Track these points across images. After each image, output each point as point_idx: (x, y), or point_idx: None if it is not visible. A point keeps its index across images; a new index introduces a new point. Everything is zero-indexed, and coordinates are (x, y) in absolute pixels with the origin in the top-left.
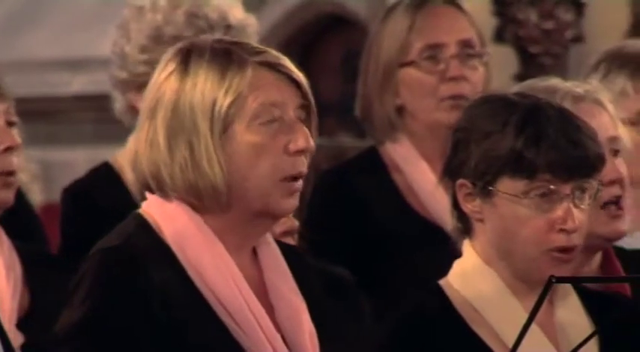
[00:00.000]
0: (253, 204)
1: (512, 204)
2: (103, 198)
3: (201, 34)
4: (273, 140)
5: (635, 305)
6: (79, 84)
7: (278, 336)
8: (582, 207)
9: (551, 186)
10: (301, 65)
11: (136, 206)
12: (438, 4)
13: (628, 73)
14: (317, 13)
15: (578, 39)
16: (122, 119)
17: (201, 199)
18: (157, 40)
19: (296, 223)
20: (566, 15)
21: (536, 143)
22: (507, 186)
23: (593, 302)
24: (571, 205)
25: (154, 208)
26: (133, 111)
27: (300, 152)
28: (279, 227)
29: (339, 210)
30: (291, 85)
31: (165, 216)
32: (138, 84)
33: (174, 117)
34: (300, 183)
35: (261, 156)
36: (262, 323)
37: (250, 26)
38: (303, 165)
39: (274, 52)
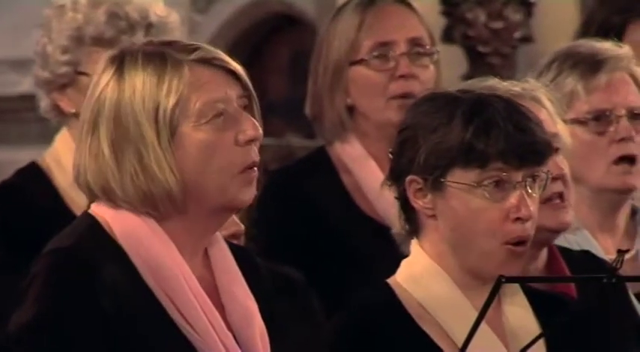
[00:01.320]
0: (213, 201)
1: (465, 195)
2: (29, 197)
3: (122, 33)
4: (222, 135)
5: (580, 306)
6: (28, 84)
7: (230, 335)
8: (534, 195)
9: (503, 174)
10: (250, 65)
11: (65, 206)
12: (388, 2)
13: (579, 74)
14: (266, 12)
15: (527, 39)
16: (48, 118)
17: (156, 207)
18: (78, 41)
19: (242, 227)
20: (515, 15)
21: (486, 132)
22: (459, 177)
23: (540, 302)
24: (524, 193)
25: (104, 209)
26: (57, 110)
27: (251, 141)
28: (225, 230)
29: (287, 211)
30: (230, 77)
31: (116, 216)
32: (60, 84)
33: (118, 128)
34: (255, 172)
35: (213, 154)
36: (214, 323)
37: (172, 22)
38: (255, 153)
39: (207, 47)
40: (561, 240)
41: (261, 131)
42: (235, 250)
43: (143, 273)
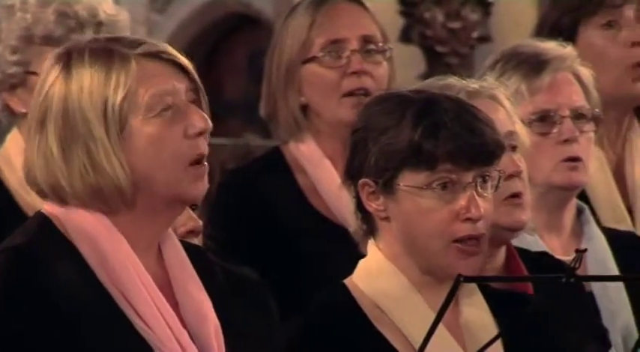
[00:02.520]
0: (163, 194)
1: (415, 197)
2: None
3: (71, 32)
4: (171, 128)
5: (538, 304)
6: None
7: (184, 331)
8: (486, 195)
9: (453, 176)
10: (208, 64)
11: (17, 206)
12: (339, 1)
13: (522, 74)
14: (224, 12)
15: (485, 39)
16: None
17: (106, 202)
18: (28, 41)
19: (200, 223)
20: (472, 15)
21: (435, 133)
22: (409, 179)
23: (498, 301)
24: (474, 194)
25: (57, 207)
26: (8, 110)
27: (200, 134)
28: (183, 227)
29: (243, 211)
30: (177, 70)
31: (68, 213)
32: (10, 84)
33: (66, 125)
34: (205, 166)
35: (162, 147)
36: (168, 319)
37: (121, 21)
38: (204, 145)
39: (153, 41)
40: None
41: (210, 123)
42: (188, 248)
43: (96, 271)
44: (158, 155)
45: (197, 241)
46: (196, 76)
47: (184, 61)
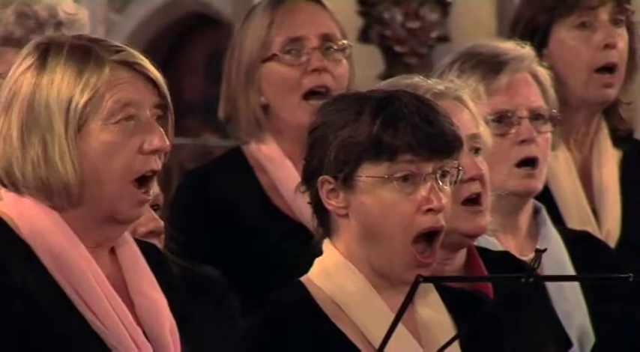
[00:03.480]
0: (101, 206)
1: (375, 189)
2: None
3: (31, 33)
4: (129, 139)
5: (495, 304)
6: None
7: (139, 330)
8: (445, 188)
9: (413, 167)
10: (166, 64)
11: None
12: (298, 0)
13: (480, 75)
14: (183, 12)
15: (444, 39)
16: None
17: (51, 196)
18: None
19: (161, 223)
20: (431, 15)
21: (394, 124)
22: (369, 171)
23: (454, 300)
24: (434, 185)
25: (9, 206)
26: None
27: (155, 151)
28: (144, 227)
29: (203, 211)
30: (149, 84)
31: (22, 214)
32: None
33: (30, 113)
34: (149, 194)
35: (115, 155)
36: (124, 319)
37: (81, 19)
38: (156, 163)
39: (132, 51)
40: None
41: (168, 144)
42: (143, 246)
43: (51, 270)
44: (108, 162)
45: (157, 242)
46: (167, 94)
47: (158, 76)
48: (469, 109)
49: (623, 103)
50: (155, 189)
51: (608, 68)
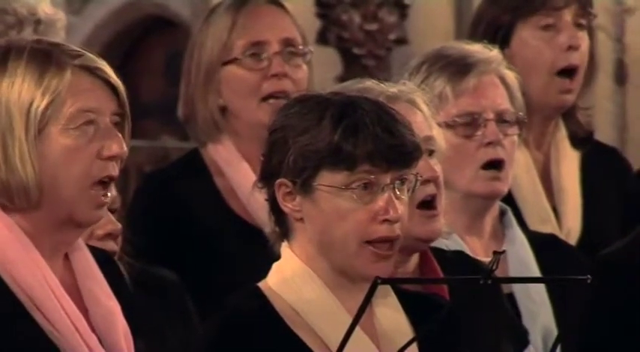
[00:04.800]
0: (60, 209)
1: (333, 197)
2: None
3: (10, 29)
4: (87, 144)
5: (451, 307)
6: None
7: (94, 337)
8: (402, 197)
9: (371, 177)
10: (124, 66)
11: None
12: (260, 3)
13: (448, 76)
14: (140, 14)
15: (402, 41)
16: None
17: (11, 198)
18: None
19: (118, 226)
20: (389, 17)
21: (354, 134)
22: (327, 179)
23: (412, 303)
24: (392, 195)
25: None
26: None
27: (113, 157)
28: (102, 229)
29: (161, 214)
30: (108, 91)
31: None
32: None
33: None
34: (108, 196)
35: (73, 160)
36: (78, 325)
37: (59, 21)
38: (113, 169)
39: (93, 56)
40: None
41: (126, 150)
42: (95, 253)
43: (5, 277)
44: (67, 167)
45: (114, 244)
46: (126, 102)
47: (119, 83)
48: (422, 112)
49: (581, 109)
50: (112, 191)
51: (569, 71)
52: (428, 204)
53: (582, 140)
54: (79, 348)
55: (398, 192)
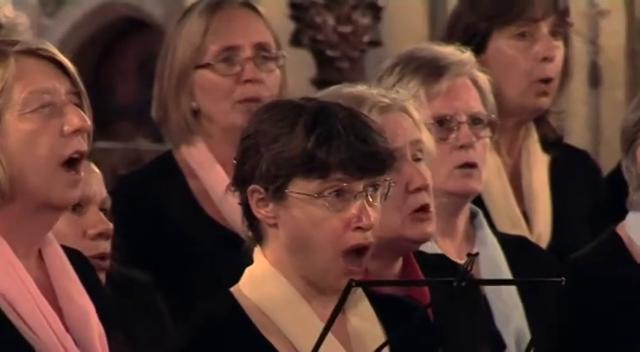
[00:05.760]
0: (35, 196)
1: (306, 205)
2: None
3: None
4: (47, 125)
5: (424, 310)
6: None
7: (69, 337)
8: (375, 204)
9: (344, 184)
10: (99, 68)
11: None
12: (234, 7)
13: (421, 79)
14: (114, 16)
15: (376, 43)
16: None
17: None
18: None
19: (110, 226)
20: (363, 19)
21: (327, 142)
22: (300, 187)
23: (385, 308)
24: (365, 203)
25: None
26: None
27: (77, 131)
28: (93, 229)
29: (135, 216)
30: (57, 70)
31: None
32: None
33: None
34: (81, 173)
35: (37, 143)
36: (53, 325)
37: (21, 24)
38: (80, 143)
39: (35, 39)
40: None
41: (89, 122)
42: (68, 253)
43: None
44: (32, 151)
45: (106, 244)
46: (78, 78)
47: (66, 61)
48: (413, 118)
49: (554, 112)
50: (103, 191)
51: (545, 80)
52: (420, 209)
53: (553, 144)
54: (55, 349)
55: (371, 199)
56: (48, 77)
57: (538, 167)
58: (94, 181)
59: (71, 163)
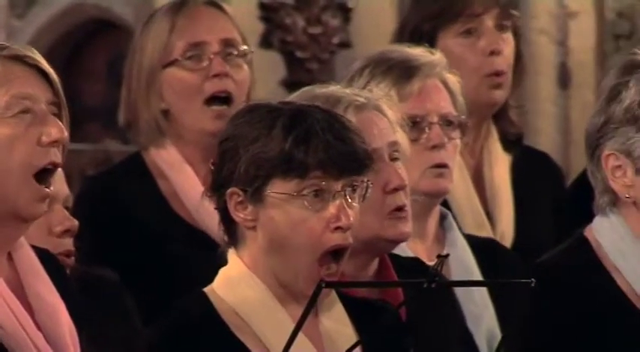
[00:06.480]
0: (4, 205)
1: (285, 205)
2: None
3: None
4: (26, 132)
5: (397, 312)
6: None
7: (39, 334)
8: (354, 205)
9: (323, 184)
10: (67, 69)
11: None
12: (199, 5)
13: (392, 80)
14: (83, 17)
15: (345, 44)
16: None
17: None
18: None
19: (76, 223)
20: (333, 20)
21: (306, 142)
22: (279, 187)
23: (358, 310)
24: (343, 203)
25: None
26: None
27: (54, 143)
28: (60, 226)
29: (103, 217)
30: (42, 80)
31: None
32: None
33: None
34: (51, 188)
35: (13, 148)
36: (24, 323)
37: None
38: (55, 155)
39: (23, 46)
40: None
41: (66, 134)
42: (37, 252)
43: None
44: (9, 156)
45: (72, 242)
46: (60, 89)
47: (50, 71)
48: (388, 118)
49: (513, 107)
50: (66, 190)
51: (496, 74)
52: (397, 209)
53: (513, 142)
54: (26, 346)
55: (349, 199)
56: (30, 84)
57: (499, 167)
58: (57, 179)
59: (43, 175)
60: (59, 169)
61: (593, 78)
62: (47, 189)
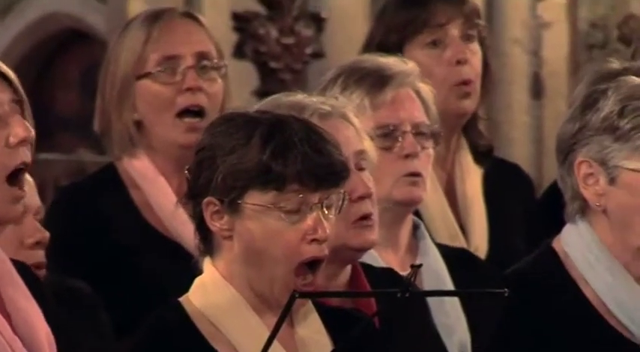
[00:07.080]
0: None
1: (262, 217)
2: None
3: None
4: None
5: (371, 321)
6: None
7: (17, 339)
8: (330, 217)
9: (300, 196)
10: (41, 79)
11: None
12: (175, 17)
13: (366, 89)
14: (57, 27)
15: (318, 54)
16: None
17: None
18: None
19: (47, 234)
20: (306, 31)
21: (284, 154)
22: (256, 199)
23: (333, 319)
24: (320, 215)
25: None
26: None
27: (22, 142)
28: (31, 238)
29: (76, 227)
30: (1, 80)
31: None
32: None
33: None
34: (24, 189)
35: None
36: (2, 330)
37: None
38: (25, 155)
39: None
40: None
41: (32, 132)
42: (14, 263)
43: None
44: None
45: (42, 253)
46: (19, 87)
47: (6, 69)
48: (354, 126)
49: (482, 119)
50: (37, 201)
51: (464, 83)
52: (363, 217)
53: (483, 154)
54: (3, 351)
55: (326, 211)
56: None
57: (471, 179)
58: (29, 190)
59: (15, 176)
60: (31, 180)
61: (566, 88)
62: (20, 191)
